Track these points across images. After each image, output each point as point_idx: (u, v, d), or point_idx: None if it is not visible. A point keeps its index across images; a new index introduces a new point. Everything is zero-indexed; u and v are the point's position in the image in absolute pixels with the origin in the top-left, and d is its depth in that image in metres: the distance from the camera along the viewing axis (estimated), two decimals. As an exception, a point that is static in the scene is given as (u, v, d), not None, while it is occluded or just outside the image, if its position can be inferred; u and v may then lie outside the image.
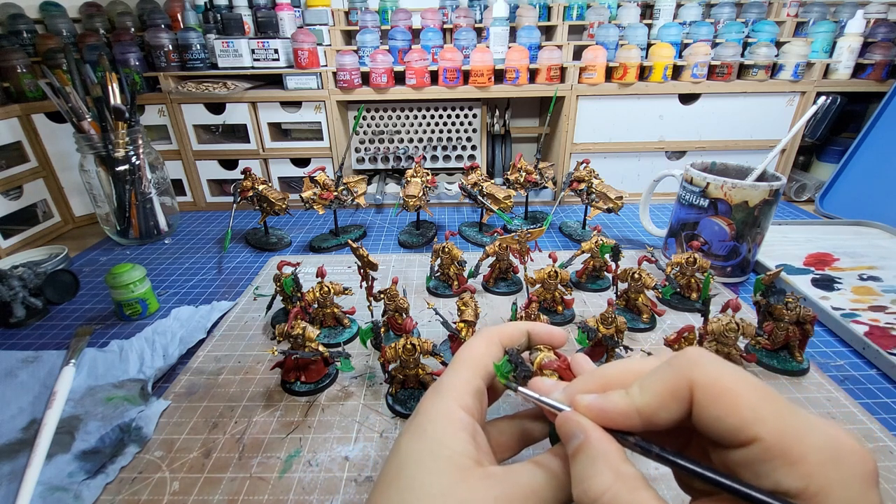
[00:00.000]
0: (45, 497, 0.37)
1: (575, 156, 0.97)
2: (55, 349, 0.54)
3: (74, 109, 0.73)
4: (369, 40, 0.93)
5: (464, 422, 0.23)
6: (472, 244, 0.81)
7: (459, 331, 0.48)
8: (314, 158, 0.97)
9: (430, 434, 0.22)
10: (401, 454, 0.22)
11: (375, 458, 0.40)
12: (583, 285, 0.65)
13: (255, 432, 0.42)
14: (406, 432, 0.23)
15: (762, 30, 0.93)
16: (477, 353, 0.26)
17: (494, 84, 0.91)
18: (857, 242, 0.78)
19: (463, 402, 0.24)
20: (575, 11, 0.99)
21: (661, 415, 0.19)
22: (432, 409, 0.24)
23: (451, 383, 0.25)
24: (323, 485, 0.37)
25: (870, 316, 0.58)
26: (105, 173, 0.77)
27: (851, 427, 0.42)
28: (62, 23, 0.93)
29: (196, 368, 0.51)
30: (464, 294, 0.50)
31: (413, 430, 0.23)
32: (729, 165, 0.69)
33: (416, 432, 0.23)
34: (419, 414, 0.24)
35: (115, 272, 0.58)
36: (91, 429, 0.42)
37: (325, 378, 0.48)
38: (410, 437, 0.23)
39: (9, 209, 0.81)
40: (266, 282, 0.68)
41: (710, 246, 0.65)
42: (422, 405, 0.24)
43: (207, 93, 0.88)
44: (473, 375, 0.25)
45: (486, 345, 0.27)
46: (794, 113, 0.94)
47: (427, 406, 0.24)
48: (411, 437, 0.23)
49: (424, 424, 0.23)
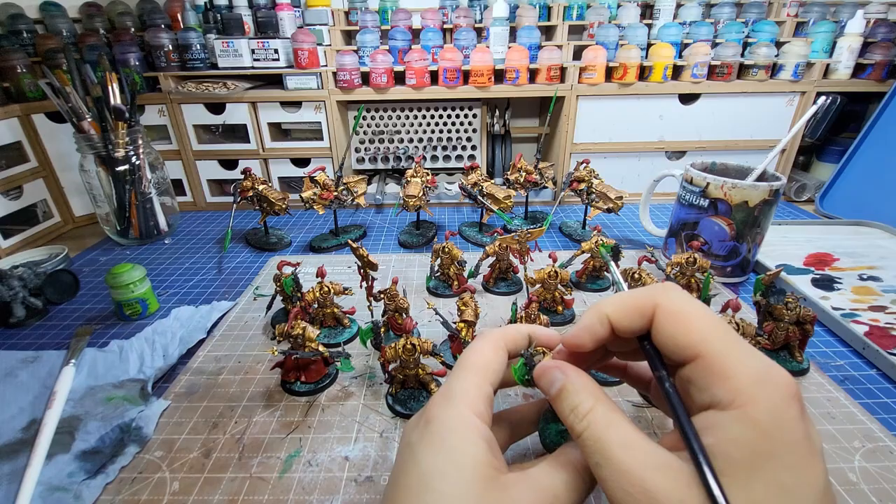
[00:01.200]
0: (45, 497, 0.37)
1: (575, 156, 0.97)
2: (55, 349, 0.54)
3: (74, 109, 0.73)
4: (369, 40, 0.93)
5: (480, 430, 0.23)
6: (472, 244, 0.81)
7: (459, 331, 0.48)
8: (314, 158, 0.97)
9: (451, 445, 0.22)
10: (421, 466, 0.22)
11: (375, 458, 0.40)
12: (583, 285, 0.65)
13: (255, 432, 0.42)
14: (421, 442, 0.23)
15: (762, 30, 0.93)
16: (484, 359, 0.26)
17: (494, 84, 0.91)
18: (857, 242, 0.78)
19: (477, 410, 0.24)
20: (575, 11, 0.99)
21: (623, 323, 0.22)
22: (447, 417, 0.23)
23: (462, 389, 0.24)
24: (323, 485, 0.37)
25: (870, 316, 0.58)
26: (105, 173, 0.77)
27: (851, 427, 0.42)
28: (62, 23, 0.93)
29: (196, 368, 0.51)
30: (464, 294, 0.50)
31: (430, 441, 0.23)
32: (729, 165, 0.69)
33: (435, 442, 0.22)
34: (433, 422, 0.23)
35: (114, 272, 0.58)
36: (91, 429, 0.42)
37: (325, 378, 0.48)
38: (429, 448, 0.22)
39: (9, 209, 0.81)
40: (266, 282, 0.68)
41: (710, 246, 0.65)
42: (433, 412, 0.24)
43: (207, 93, 0.88)
44: (483, 381, 0.25)
45: (493, 349, 0.27)
46: (794, 113, 0.94)
47: (440, 414, 0.24)
48: (429, 447, 0.22)
49: (443, 434, 0.23)
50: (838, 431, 0.41)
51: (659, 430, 0.41)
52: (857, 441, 0.40)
